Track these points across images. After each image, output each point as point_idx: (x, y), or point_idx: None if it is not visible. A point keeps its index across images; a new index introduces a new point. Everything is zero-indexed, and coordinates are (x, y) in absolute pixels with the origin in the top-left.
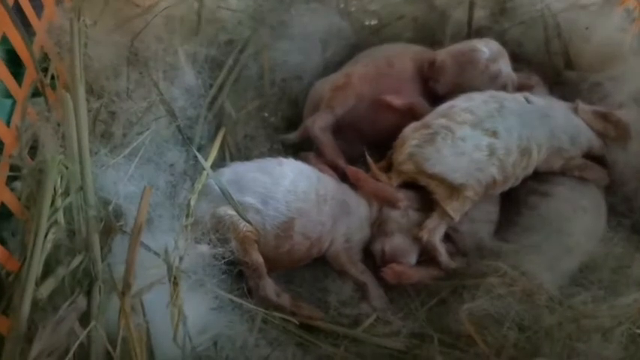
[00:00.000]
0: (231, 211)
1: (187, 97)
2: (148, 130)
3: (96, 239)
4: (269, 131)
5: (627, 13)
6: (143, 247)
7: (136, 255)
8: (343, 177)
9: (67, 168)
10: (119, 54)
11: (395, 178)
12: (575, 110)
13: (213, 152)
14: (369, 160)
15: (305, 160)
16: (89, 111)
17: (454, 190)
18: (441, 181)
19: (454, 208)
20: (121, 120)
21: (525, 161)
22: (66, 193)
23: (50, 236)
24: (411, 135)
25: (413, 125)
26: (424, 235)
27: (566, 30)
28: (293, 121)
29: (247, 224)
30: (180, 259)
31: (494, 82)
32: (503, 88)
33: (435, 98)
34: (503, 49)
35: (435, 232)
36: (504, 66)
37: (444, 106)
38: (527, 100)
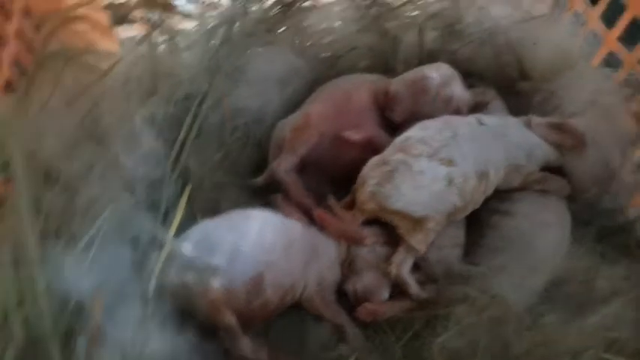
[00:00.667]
0: (199, 276)
1: (149, 162)
2: (105, 212)
3: (55, 348)
4: (236, 178)
5: (576, 18)
6: (105, 343)
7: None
8: (312, 217)
9: (17, 277)
10: (75, 130)
11: (359, 217)
12: (529, 125)
13: (178, 216)
14: (331, 201)
15: (274, 203)
16: (41, 207)
17: (416, 222)
18: (403, 215)
19: (418, 241)
20: (79, 205)
21: (484, 185)
22: (21, 302)
23: (9, 352)
24: (370, 173)
25: (372, 162)
26: (392, 270)
27: (517, 43)
28: (260, 165)
29: (216, 287)
30: (141, 352)
31: (448, 107)
32: (458, 110)
33: (395, 126)
34: (454, 71)
35: (402, 265)
36: (457, 89)
37: (400, 139)
38: (480, 122)
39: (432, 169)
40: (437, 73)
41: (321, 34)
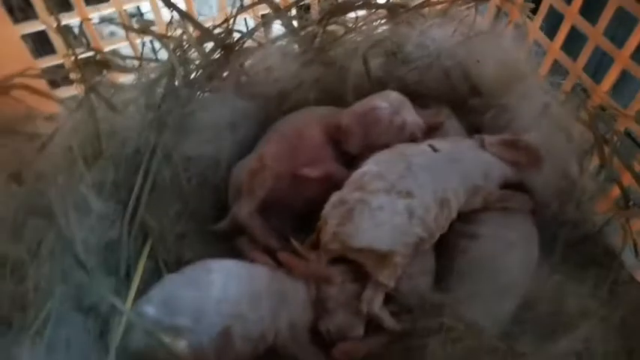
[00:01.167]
0: (163, 340)
1: (102, 227)
2: (57, 291)
3: None
4: (197, 227)
5: (517, 30)
6: None
7: None
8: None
9: None
10: (19, 208)
11: (324, 257)
12: (482, 144)
13: (137, 277)
14: (295, 244)
15: (240, 247)
16: None
17: (382, 258)
18: (368, 252)
19: (386, 276)
20: (28, 290)
21: (447, 211)
22: None
23: None
24: (331, 213)
25: (331, 201)
26: (364, 308)
27: (463, 61)
28: (220, 210)
29: (183, 349)
30: None
31: (402, 134)
32: (412, 136)
33: (351, 157)
34: (404, 98)
35: (373, 302)
36: (408, 115)
37: (356, 175)
38: (434, 149)
39: (391, 203)
40: (386, 101)
41: (266, 73)
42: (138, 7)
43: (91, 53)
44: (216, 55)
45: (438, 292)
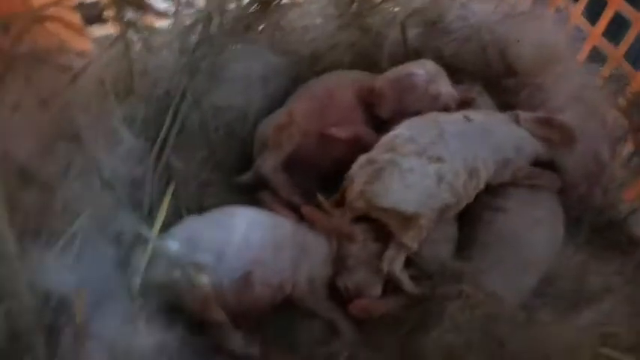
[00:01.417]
0: (185, 273)
1: (130, 160)
2: (86, 210)
3: (39, 341)
4: (222, 176)
5: (558, 14)
6: (91, 340)
7: (84, 352)
8: (301, 214)
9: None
10: (50, 131)
11: (348, 214)
12: (517, 120)
13: (162, 213)
14: (321, 198)
15: (262, 200)
16: (19, 205)
17: (408, 220)
18: (393, 213)
19: (410, 238)
20: (57, 205)
21: (475, 180)
22: (2, 298)
23: None
24: (358, 172)
25: (360, 162)
26: (384, 267)
27: (501, 39)
28: (245, 162)
29: (204, 284)
30: (129, 350)
31: (435, 103)
32: (445, 107)
33: (381, 122)
34: (440, 68)
35: (394, 262)
36: (443, 85)
37: (387, 138)
38: (467, 119)
39: (421, 166)
40: (423, 69)
41: (301, 31)
42: None
43: None
44: (254, 8)
45: (458, 260)
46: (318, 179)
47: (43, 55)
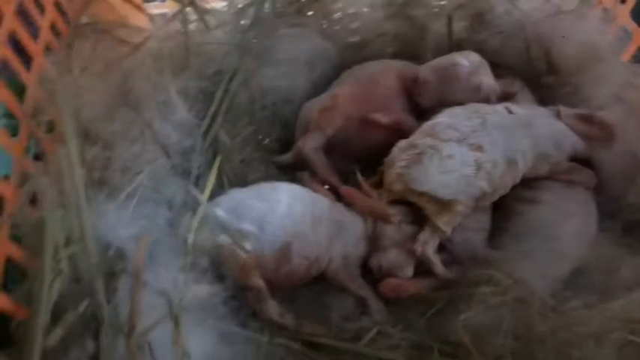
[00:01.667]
0: (230, 239)
1: (181, 131)
2: (142, 171)
3: (99, 284)
4: (264, 155)
5: (605, 13)
6: (146, 288)
7: (139, 297)
8: (337, 195)
9: (66, 220)
10: (111, 96)
11: (386, 196)
12: (558, 115)
13: (210, 182)
14: (360, 178)
15: (300, 180)
16: (84, 158)
17: (444, 205)
18: (431, 198)
19: (445, 222)
20: (118, 163)
21: (513, 171)
22: (68, 242)
23: (56, 285)
24: (399, 155)
25: (400, 145)
26: (418, 249)
27: (545, 36)
28: (286, 143)
29: (246, 251)
30: (181, 298)
31: (477, 94)
32: (486, 99)
33: (421, 111)
34: (484, 60)
35: (428, 245)
36: (486, 78)
37: (429, 124)
38: (509, 111)
39: (461, 153)
40: (467, 60)
41: (349, 18)
42: None
43: None
44: None
45: (489, 249)
46: (356, 164)
47: (105, 28)
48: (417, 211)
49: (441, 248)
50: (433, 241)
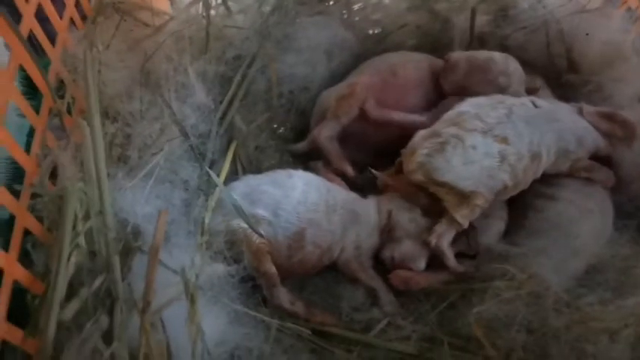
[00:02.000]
0: (244, 224)
1: (199, 114)
2: (161, 150)
3: (116, 260)
4: (279, 142)
5: (629, 14)
6: (161, 266)
7: (155, 274)
8: (351, 185)
9: (85, 193)
10: (132, 76)
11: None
12: (580, 112)
13: (226, 166)
14: (375, 172)
15: (314, 169)
16: (105, 135)
17: (464, 197)
18: (451, 189)
19: (463, 215)
20: (136, 142)
21: (536, 165)
22: (86, 216)
23: (73, 259)
24: (422, 144)
25: (423, 133)
26: (432, 240)
27: (568, 34)
28: (302, 132)
29: (260, 236)
30: (197, 276)
31: (499, 92)
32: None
33: (438, 102)
34: (521, 69)
35: (443, 237)
36: (516, 84)
37: (452, 113)
38: (534, 104)
39: (486, 144)
40: (504, 60)
41: (371, 9)
42: None
43: None
44: None
45: (505, 244)
46: (369, 156)
47: (127, 9)
48: (434, 203)
49: (461, 234)
50: (449, 233)
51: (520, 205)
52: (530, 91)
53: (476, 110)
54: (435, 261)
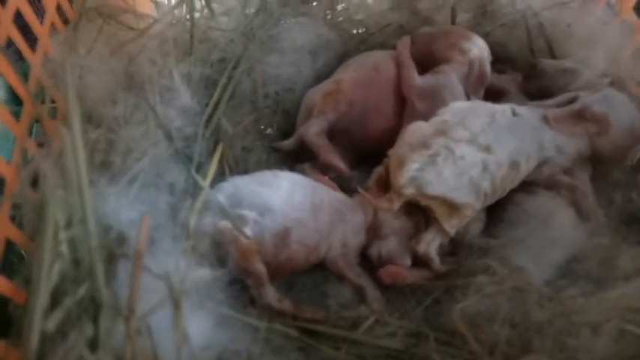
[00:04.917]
0: (231, 225)
1: (184, 117)
2: (146, 155)
3: (99, 267)
4: (265, 143)
5: (609, 8)
6: (146, 272)
7: (139, 280)
8: (339, 183)
9: (67, 201)
10: (115, 80)
11: (396, 201)
12: (547, 120)
13: (212, 168)
14: (361, 191)
15: (301, 172)
16: (87, 141)
17: (454, 209)
18: (444, 201)
19: (452, 225)
20: (120, 147)
21: (514, 174)
22: (68, 224)
23: (55, 268)
24: (411, 156)
25: (411, 141)
26: (420, 249)
27: (549, 28)
28: (288, 132)
29: (247, 236)
30: (182, 280)
31: (462, 57)
32: (471, 66)
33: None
34: (486, 45)
35: (431, 244)
36: (476, 49)
37: (437, 119)
38: (514, 112)
39: (471, 154)
40: (469, 32)
41: (354, 9)
42: None
43: None
44: None
45: (485, 238)
46: (356, 153)
47: (110, 12)
48: (417, 207)
49: None
50: (436, 241)
51: (499, 201)
52: (502, 92)
53: (460, 117)
54: (418, 258)
